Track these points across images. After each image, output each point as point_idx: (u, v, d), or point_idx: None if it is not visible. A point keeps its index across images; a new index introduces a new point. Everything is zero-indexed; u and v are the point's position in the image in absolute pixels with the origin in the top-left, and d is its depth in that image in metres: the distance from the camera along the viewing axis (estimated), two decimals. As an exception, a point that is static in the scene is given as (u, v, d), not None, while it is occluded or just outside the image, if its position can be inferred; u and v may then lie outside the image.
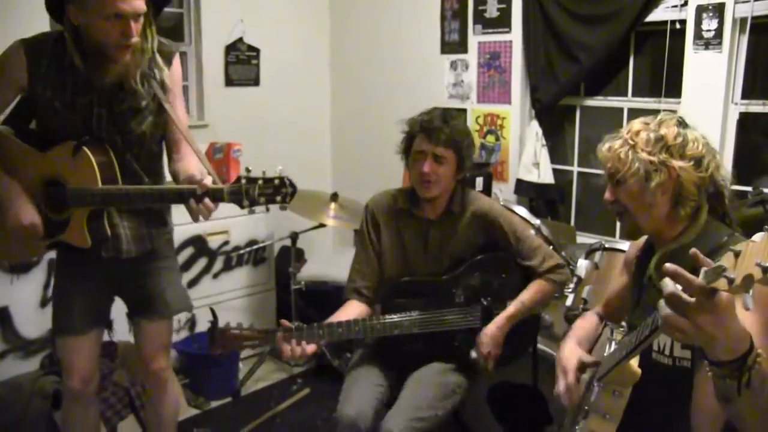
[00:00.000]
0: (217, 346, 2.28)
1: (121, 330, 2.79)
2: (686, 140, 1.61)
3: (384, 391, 2.38)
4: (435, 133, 2.35)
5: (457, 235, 2.49)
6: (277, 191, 1.95)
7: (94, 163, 2.06)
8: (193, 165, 2.19)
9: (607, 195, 1.72)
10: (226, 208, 3.73)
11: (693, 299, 1.11)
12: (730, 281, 1.02)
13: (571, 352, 1.85)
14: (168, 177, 2.35)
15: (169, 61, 2.21)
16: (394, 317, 2.36)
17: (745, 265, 1.01)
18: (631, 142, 1.63)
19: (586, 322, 2.03)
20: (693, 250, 1.15)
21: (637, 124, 1.66)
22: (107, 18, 1.92)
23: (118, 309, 2.46)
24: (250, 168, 1.97)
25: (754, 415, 1.28)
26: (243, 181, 1.94)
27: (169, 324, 2.44)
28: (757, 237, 1.00)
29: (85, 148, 2.07)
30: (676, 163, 1.59)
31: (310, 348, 2.27)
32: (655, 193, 1.61)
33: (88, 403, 2.42)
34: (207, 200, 1.98)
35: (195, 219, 2.06)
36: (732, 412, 1.32)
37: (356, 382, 2.39)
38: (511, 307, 2.44)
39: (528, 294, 2.47)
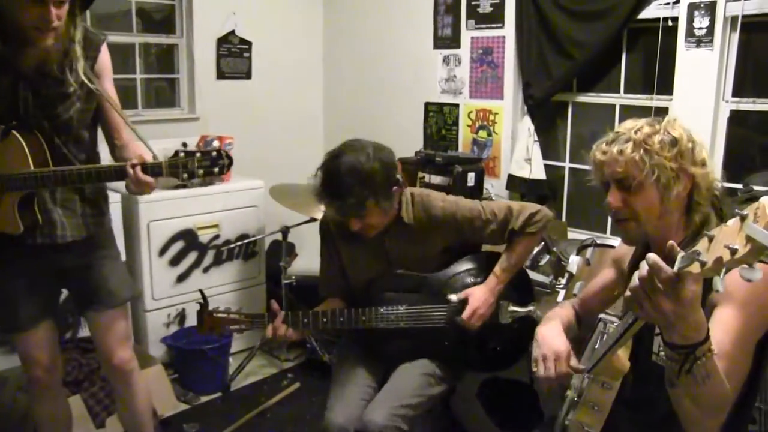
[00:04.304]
0: (205, 328, 2.34)
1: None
2: (695, 144, 1.57)
3: (371, 390, 2.36)
4: (342, 214, 2.26)
5: (417, 242, 2.40)
6: (214, 163, 1.99)
7: (25, 147, 2.05)
8: (140, 151, 2.18)
9: (613, 200, 1.61)
10: (217, 203, 3.74)
11: (660, 285, 1.18)
12: (703, 264, 1.07)
13: (561, 339, 1.80)
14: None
15: (97, 50, 2.20)
16: (381, 309, 2.33)
17: (717, 248, 1.04)
18: (645, 145, 1.53)
19: (565, 311, 1.98)
20: (670, 242, 1.20)
21: (644, 126, 1.57)
22: (28, 0, 1.90)
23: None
24: (186, 143, 1.97)
25: (691, 405, 1.34)
26: (181, 154, 2.01)
27: (120, 313, 2.39)
28: (730, 222, 1.03)
29: (14, 132, 2.05)
30: (694, 170, 1.54)
31: (294, 333, 2.32)
32: (672, 201, 1.56)
33: (56, 394, 2.39)
34: (140, 172, 2.00)
35: (130, 191, 2.10)
36: (673, 398, 1.37)
37: (343, 385, 2.36)
38: (497, 269, 2.37)
39: (513, 252, 2.39)
